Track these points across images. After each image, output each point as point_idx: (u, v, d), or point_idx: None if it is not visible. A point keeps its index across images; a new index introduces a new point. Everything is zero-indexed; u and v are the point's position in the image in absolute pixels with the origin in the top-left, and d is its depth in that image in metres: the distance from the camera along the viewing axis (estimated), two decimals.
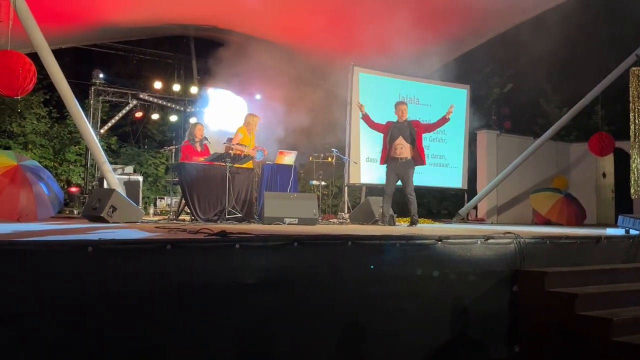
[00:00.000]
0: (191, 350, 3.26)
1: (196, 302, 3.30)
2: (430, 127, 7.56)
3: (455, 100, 11.48)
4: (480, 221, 11.22)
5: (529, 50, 9.98)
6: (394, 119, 7.36)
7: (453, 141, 11.37)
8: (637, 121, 9.13)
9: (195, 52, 12.63)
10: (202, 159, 7.21)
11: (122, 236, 3.82)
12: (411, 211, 7.16)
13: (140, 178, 10.54)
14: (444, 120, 7.41)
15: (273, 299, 3.55)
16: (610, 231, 6.22)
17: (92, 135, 7.46)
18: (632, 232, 5.80)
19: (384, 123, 7.42)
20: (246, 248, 3.48)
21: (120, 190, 6.87)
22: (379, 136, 8.20)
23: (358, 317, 3.88)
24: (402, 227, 7.33)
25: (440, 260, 4.30)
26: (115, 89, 11.89)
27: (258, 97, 11.50)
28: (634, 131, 9.15)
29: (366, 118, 7.38)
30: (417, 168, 7.32)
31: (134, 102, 12.02)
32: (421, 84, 11.05)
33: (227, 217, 6.67)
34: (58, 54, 7.52)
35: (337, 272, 3.83)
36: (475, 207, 11.61)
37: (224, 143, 7.36)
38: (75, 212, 9.63)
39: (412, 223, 7.13)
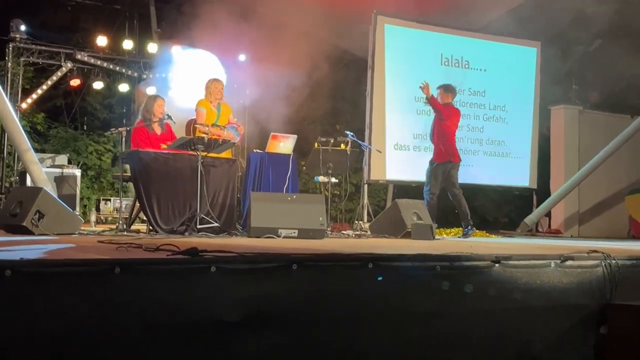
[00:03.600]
0: None
1: (155, 349, 3.32)
2: None
3: (520, 62, 11.53)
4: (556, 234, 11.20)
5: None
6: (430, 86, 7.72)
7: (517, 120, 11.36)
8: None
9: None
10: (163, 145, 7.24)
11: (52, 255, 3.83)
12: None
13: (78, 172, 10.58)
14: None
15: (264, 343, 3.57)
16: None
17: (9, 111, 7.50)
18: None
19: (421, 96, 7.65)
20: (226, 272, 3.49)
21: (50, 189, 6.90)
22: (411, 116, 8.29)
23: None
24: (446, 240, 7.35)
25: (498, 291, 4.29)
26: (43, 47, 11.90)
27: (242, 57, 11.50)
28: None
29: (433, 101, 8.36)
30: (470, 160, 7.74)
31: (69, 64, 12.04)
32: (472, 40, 11.05)
33: (198, 227, 6.68)
34: None
35: (353, 306, 3.83)
36: (549, 215, 11.58)
37: (197, 125, 7.40)
38: None
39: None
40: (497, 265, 4.31)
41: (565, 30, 12.61)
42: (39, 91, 12.16)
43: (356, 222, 9.03)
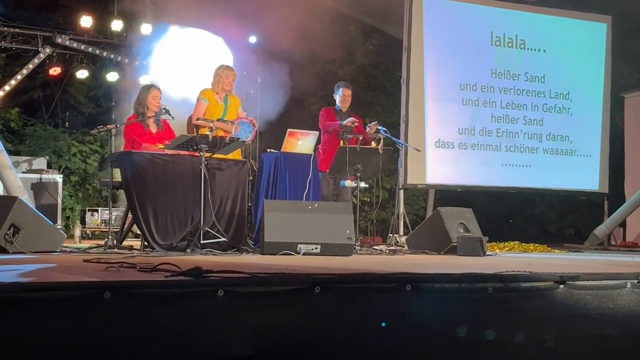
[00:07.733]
0: None
1: None
2: None
3: (587, 40, 11.44)
4: (633, 248, 11.09)
5: None
6: (478, 70, 7.59)
7: (583, 111, 11.28)
8: None
9: None
10: (160, 145, 7.27)
11: (30, 277, 3.86)
12: None
13: (59, 177, 10.65)
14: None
15: None
16: None
17: None
18: None
19: (467, 83, 7.58)
20: (235, 297, 3.50)
21: (26, 198, 6.96)
22: (456, 106, 8.32)
23: None
24: (499, 257, 7.33)
25: (563, 317, 4.27)
26: (17, 29, 12.02)
27: (253, 39, 11.53)
28: None
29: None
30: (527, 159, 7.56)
31: (47, 50, 12.14)
32: (529, 14, 11.00)
33: (202, 242, 6.72)
34: None
35: (387, 337, 3.83)
36: (623, 225, 11.48)
37: (198, 120, 7.42)
38: None
39: None
40: (561, 286, 4.29)
41: None
42: (13, 82, 12.25)
43: (390, 235, 9.02)
